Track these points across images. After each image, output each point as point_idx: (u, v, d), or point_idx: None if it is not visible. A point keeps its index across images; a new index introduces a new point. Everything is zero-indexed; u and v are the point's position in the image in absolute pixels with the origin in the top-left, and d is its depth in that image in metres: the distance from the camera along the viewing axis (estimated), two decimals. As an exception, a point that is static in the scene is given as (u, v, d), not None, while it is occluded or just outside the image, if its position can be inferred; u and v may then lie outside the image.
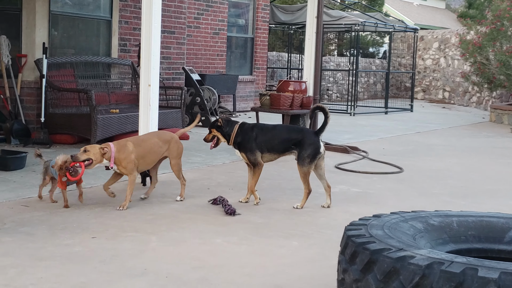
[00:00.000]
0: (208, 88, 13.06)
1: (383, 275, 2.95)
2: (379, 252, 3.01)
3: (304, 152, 6.07)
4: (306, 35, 10.30)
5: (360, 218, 3.55)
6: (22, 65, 9.49)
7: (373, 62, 25.14)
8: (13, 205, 5.68)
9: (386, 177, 8.01)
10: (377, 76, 24.52)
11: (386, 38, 27.01)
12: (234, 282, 4.02)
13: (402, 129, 13.80)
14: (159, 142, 6.09)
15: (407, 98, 21.36)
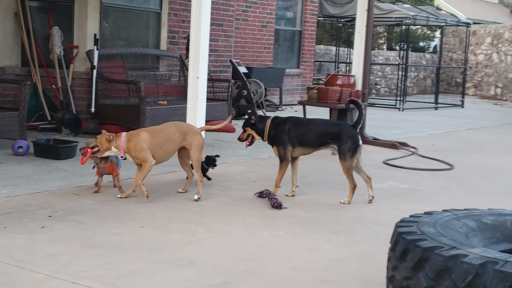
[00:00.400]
0: (255, 81, 13.05)
1: (435, 274, 2.90)
2: (431, 250, 2.96)
3: (344, 147, 6.01)
4: (355, 28, 10.20)
5: (411, 215, 3.49)
6: (73, 56, 9.63)
7: (423, 57, 24.80)
8: (64, 193, 5.78)
9: (436, 174, 7.89)
10: (427, 71, 24.17)
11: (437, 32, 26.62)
12: (281, 275, 4.01)
13: (452, 125, 13.58)
14: (177, 132, 5.93)
15: (458, 94, 21.02)
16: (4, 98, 9.59)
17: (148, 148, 5.72)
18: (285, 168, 6.18)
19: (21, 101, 7.76)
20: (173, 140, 5.89)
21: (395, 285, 3.13)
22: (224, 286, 3.78)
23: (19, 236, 4.46)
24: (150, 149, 5.73)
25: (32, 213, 5.07)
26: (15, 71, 9.72)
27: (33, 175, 6.41)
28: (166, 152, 5.88)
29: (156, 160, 5.83)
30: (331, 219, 5.43)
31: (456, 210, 3.64)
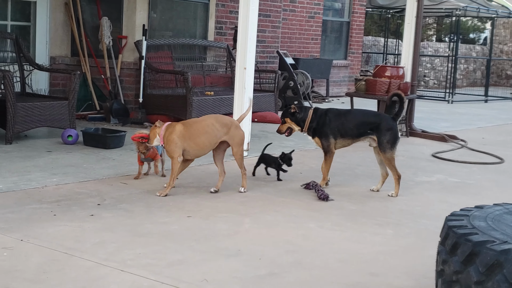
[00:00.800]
0: (302, 72, 13.00)
1: (486, 268, 2.85)
2: (482, 244, 2.91)
3: (383, 138, 5.95)
4: (405, 19, 10.06)
5: (462, 209, 3.44)
6: (122, 46, 9.73)
7: (473, 49, 24.35)
8: (112, 182, 5.85)
9: (486, 168, 7.75)
10: (477, 63, 23.74)
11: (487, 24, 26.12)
12: (328, 267, 3.99)
13: (503, 118, 13.31)
14: (216, 124, 5.60)
15: (508, 86, 20.63)
16: (54, 87, 9.76)
17: (179, 141, 5.47)
18: (331, 160, 6.15)
19: (70, 91, 7.87)
20: (209, 133, 5.56)
21: (445, 279, 3.09)
22: (271, 277, 3.78)
23: (69, 224, 4.53)
24: (182, 142, 5.48)
25: (81, 201, 5.15)
26: (65, 61, 9.88)
27: (82, 163, 6.50)
28: (200, 146, 5.58)
29: (191, 154, 5.59)
30: (378, 212, 5.38)
31: (508, 204, 3.57)
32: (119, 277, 3.63)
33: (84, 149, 7.28)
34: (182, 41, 10.38)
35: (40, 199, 5.12)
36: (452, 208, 4.09)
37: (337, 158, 7.62)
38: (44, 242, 4.12)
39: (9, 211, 4.74)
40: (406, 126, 9.80)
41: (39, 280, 3.52)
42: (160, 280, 3.61)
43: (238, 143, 5.71)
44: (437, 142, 9.45)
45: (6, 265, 3.71)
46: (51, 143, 7.53)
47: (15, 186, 5.45)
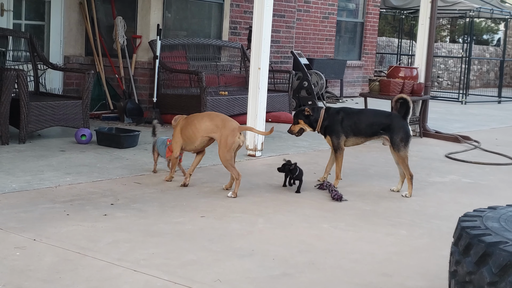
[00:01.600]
0: (316, 73, 12.99)
1: (499, 269, 2.84)
2: (495, 245, 2.90)
3: (396, 137, 6.00)
4: (419, 20, 10.02)
5: (475, 210, 3.42)
6: (136, 46, 9.76)
7: (487, 50, 24.22)
8: (126, 181, 5.86)
9: (499, 168, 7.71)
10: (490, 64, 23.60)
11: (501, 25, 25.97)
12: (341, 267, 3.98)
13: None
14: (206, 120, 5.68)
15: (522, 87, 20.47)
16: (68, 86, 9.80)
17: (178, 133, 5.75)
18: (341, 157, 6.17)
19: (84, 90, 7.91)
20: (195, 126, 5.65)
21: (458, 280, 3.08)
22: (284, 277, 3.78)
23: (82, 224, 4.55)
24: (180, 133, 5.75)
25: (95, 200, 5.17)
26: (79, 60, 9.92)
27: (95, 163, 6.53)
28: (187, 137, 5.71)
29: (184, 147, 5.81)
30: (391, 212, 5.37)
31: (522, 205, 3.55)
32: (132, 277, 3.64)
33: (98, 148, 7.30)
34: (196, 41, 10.40)
35: (53, 199, 5.14)
36: (465, 209, 4.07)
37: (351, 158, 7.62)
38: (57, 241, 4.13)
39: (22, 211, 4.77)
40: (419, 127, 9.77)
41: (52, 279, 3.54)
42: (173, 280, 3.61)
43: (222, 145, 5.54)
44: (450, 143, 9.41)
45: (19, 264, 3.73)
46: (64, 142, 7.56)
47: (28, 186, 5.48)
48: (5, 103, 7.10)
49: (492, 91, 19.01)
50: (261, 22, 7.22)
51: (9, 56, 8.37)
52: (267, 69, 7.40)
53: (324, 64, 14.06)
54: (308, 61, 13.27)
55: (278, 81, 11.14)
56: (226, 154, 5.54)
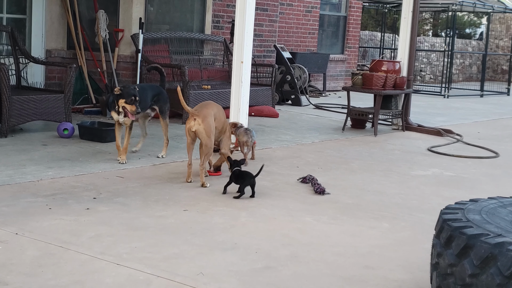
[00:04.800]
0: (299, 67, 12.99)
1: (480, 261, 2.87)
2: (477, 237, 2.93)
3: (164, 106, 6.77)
4: (402, 14, 10.05)
5: (456, 202, 3.45)
6: (119, 39, 9.71)
7: (469, 44, 24.36)
8: (108, 175, 5.84)
9: (481, 162, 7.77)
10: (473, 58, 23.74)
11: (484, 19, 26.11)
12: (324, 260, 4.00)
13: (498, 113, 13.34)
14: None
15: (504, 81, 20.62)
16: (50, 80, 9.74)
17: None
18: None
19: (66, 84, 7.86)
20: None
21: (440, 272, 3.10)
22: (267, 270, 3.79)
23: (64, 218, 4.53)
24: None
25: (77, 195, 5.15)
26: (61, 54, 9.86)
27: (78, 157, 6.50)
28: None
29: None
30: (374, 205, 5.39)
31: (502, 197, 3.59)
32: (114, 270, 3.63)
33: (80, 142, 7.27)
34: (179, 35, 10.36)
35: (35, 193, 5.11)
36: (448, 202, 4.09)
37: (334, 152, 7.66)
38: (39, 235, 4.11)
39: (4, 205, 4.74)
40: (402, 120, 9.81)
41: (35, 273, 3.52)
42: (156, 273, 3.61)
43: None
44: (432, 136, 9.47)
45: (1, 258, 3.71)
46: (46, 136, 7.51)
47: (10, 180, 5.44)
48: (-14, 97, 7.04)
49: (475, 85, 19.13)
50: (243, 16, 7.21)
51: (-10, 50, 8.31)
52: (249, 63, 7.39)
53: (307, 58, 14.08)
54: (291, 55, 13.28)
55: (261, 75, 11.15)
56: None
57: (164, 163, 6.43)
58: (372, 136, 9.10)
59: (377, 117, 9.21)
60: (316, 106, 11.98)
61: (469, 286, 2.90)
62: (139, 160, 6.52)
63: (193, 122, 5.69)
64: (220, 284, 3.54)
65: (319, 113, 11.26)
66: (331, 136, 8.88)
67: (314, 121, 10.28)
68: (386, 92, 9.29)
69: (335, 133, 9.12)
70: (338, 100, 13.15)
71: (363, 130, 9.59)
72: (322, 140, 8.49)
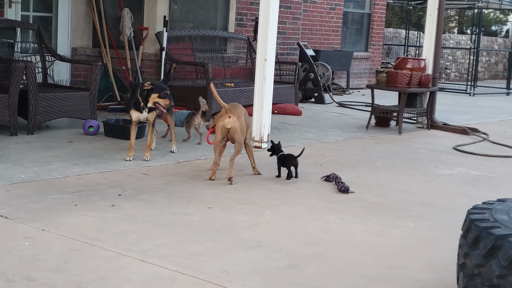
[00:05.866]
0: (322, 64, 12.96)
1: (508, 262, 2.84)
2: (505, 237, 2.89)
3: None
4: (427, 11, 9.98)
5: (484, 202, 3.41)
6: (143, 37, 9.75)
7: (495, 41, 24.11)
8: (133, 172, 5.87)
9: (508, 161, 7.69)
10: (499, 56, 23.50)
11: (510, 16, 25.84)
12: (348, 260, 3.98)
13: (524, 111, 13.19)
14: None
15: (531, 79, 20.37)
16: (76, 78, 9.81)
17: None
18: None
19: (92, 82, 7.91)
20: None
21: (466, 272, 3.07)
22: (291, 268, 3.78)
23: (90, 214, 4.56)
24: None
25: (102, 191, 5.18)
26: (86, 52, 9.93)
27: (103, 154, 6.54)
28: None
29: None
30: (399, 204, 5.36)
31: (531, 197, 3.54)
32: (139, 267, 3.64)
33: (105, 139, 7.31)
34: (202, 33, 10.38)
35: (61, 189, 5.15)
36: (474, 202, 4.06)
37: (358, 151, 7.62)
38: (65, 231, 4.14)
39: (31, 201, 4.78)
40: (427, 119, 9.74)
41: (61, 269, 3.55)
42: (180, 270, 3.62)
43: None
44: (458, 135, 9.39)
45: (28, 254, 3.74)
46: (72, 133, 7.57)
47: (36, 176, 5.49)
48: (13, 94, 7.11)
49: (501, 83, 18.93)
50: (267, 14, 7.20)
51: (17, 48, 8.39)
52: (273, 60, 7.38)
53: (331, 55, 14.03)
54: (315, 52, 13.24)
55: (284, 73, 11.13)
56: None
57: (188, 160, 6.45)
58: (397, 134, 9.05)
59: (402, 115, 9.15)
60: (339, 104, 11.95)
61: (496, 287, 2.87)
62: (163, 157, 6.55)
63: (228, 119, 5.70)
64: (244, 282, 3.54)
65: (343, 111, 11.22)
66: (354, 134, 8.84)
67: (338, 119, 10.24)
68: (411, 90, 9.23)
69: (359, 131, 9.08)
70: (362, 98, 13.09)
71: (388, 128, 9.54)
72: (346, 138, 8.46)
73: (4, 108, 7.07)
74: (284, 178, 6.01)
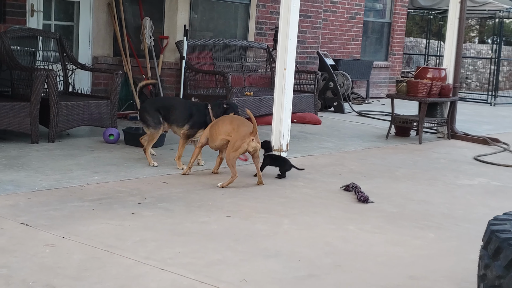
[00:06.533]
0: (342, 73, 12.94)
1: (529, 274, 2.81)
2: (526, 249, 2.87)
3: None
4: (448, 20, 9.93)
5: (505, 213, 3.39)
6: (163, 46, 9.81)
7: (516, 51, 23.92)
8: (153, 181, 5.90)
9: (529, 172, 7.62)
10: (520, 65, 23.31)
11: (531, 26, 25.66)
12: (367, 270, 3.96)
13: (546, 121, 13.06)
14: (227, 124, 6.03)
15: (552, 89, 20.20)
16: (96, 87, 9.88)
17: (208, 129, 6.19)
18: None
19: (112, 90, 7.96)
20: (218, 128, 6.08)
21: (487, 284, 3.05)
22: (310, 278, 3.77)
23: (110, 222, 4.58)
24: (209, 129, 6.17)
25: (122, 199, 5.21)
26: (107, 61, 10.00)
27: (123, 162, 6.57)
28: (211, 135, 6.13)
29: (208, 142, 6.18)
30: (419, 215, 5.33)
31: (553, 209, 3.51)
32: (159, 275, 3.66)
33: (125, 148, 7.35)
34: (222, 42, 10.42)
35: (81, 197, 5.19)
36: (495, 212, 4.03)
37: (378, 160, 7.60)
38: (85, 239, 4.17)
39: (51, 209, 4.82)
40: (447, 129, 9.69)
41: (81, 277, 3.57)
42: (199, 279, 3.62)
43: (230, 145, 5.90)
44: (479, 145, 9.32)
45: (49, 261, 3.77)
46: (92, 141, 7.62)
47: (57, 184, 5.53)
48: (35, 102, 7.17)
49: (522, 93, 18.79)
50: (287, 23, 7.21)
51: (39, 56, 8.47)
52: (293, 69, 7.38)
53: (350, 64, 14.01)
54: (334, 61, 13.23)
55: (304, 82, 11.12)
56: (230, 154, 5.87)
57: (207, 169, 6.47)
58: (417, 144, 9.01)
59: (422, 125, 9.11)
60: (359, 113, 11.92)
61: (517, 298, 2.84)
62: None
63: (253, 142, 5.88)
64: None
65: (362, 120, 11.19)
66: (374, 143, 8.81)
67: (357, 128, 10.22)
68: (431, 100, 9.18)
69: (379, 141, 9.05)
70: (381, 108, 13.05)
71: (407, 138, 9.50)
72: (365, 148, 8.44)
73: (26, 116, 7.13)
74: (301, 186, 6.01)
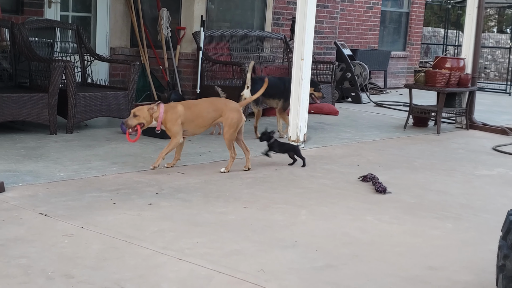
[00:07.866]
0: (359, 64, 12.88)
1: (549, 264, 2.78)
2: (546, 240, 2.84)
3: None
4: (466, 10, 9.85)
5: (524, 203, 3.36)
6: (180, 37, 9.81)
7: (536, 40, 23.68)
8: (170, 171, 5.91)
9: (549, 162, 7.55)
10: (539, 55, 23.07)
11: (551, 15, 25.37)
12: (385, 260, 3.95)
13: None
14: (209, 109, 5.99)
15: None
16: (114, 78, 9.92)
17: (181, 121, 5.88)
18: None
19: (130, 81, 7.99)
20: (204, 117, 5.99)
21: (506, 274, 3.03)
22: (328, 269, 3.77)
23: (128, 212, 4.60)
24: (183, 122, 5.89)
25: (140, 190, 5.22)
26: (125, 52, 10.03)
27: (141, 153, 6.59)
28: (197, 126, 6.03)
29: (189, 132, 6.04)
30: (437, 205, 5.30)
31: None
32: (177, 265, 3.67)
33: (143, 139, 7.34)
34: (239, 32, 10.40)
35: (100, 188, 5.21)
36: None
37: (395, 151, 7.57)
38: (104, 229, 4.19)
39: (70, 199, 4.85)
40: (466, 119, 9.62)
41: (99, 267, 3.59)
42: (217, 269, 3.63)
43: (228, 125, 5.96)
44: (498, 135, 9.25)
45: (68, 252, 3.79)
46: (110, 132, 7.66)
47: (76, 175, 5.56)
48: (53, 93, 7.21)
49: (541, 83, 18.59)
50: (304, 13, 7.18)
51: (56, 48, 8.50)
52: (310, 60, 7.36)
53: (368, 55, 13.94)
54: (352, 52, 13.17)
55: (321, 72, 11.08)
56: (232, 135, 5.97)
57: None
58: (435, 134, 8.96)
59: (441, 115, 9.05)
60: (376, 104, 11.87)
61: (537, 289, 2.82)
62: (199, 156, 6.58)
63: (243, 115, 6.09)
64: (280, 281, 3.54)
65: (380, 110, 11.14)
66: (392, 134, 8.78)
67: (375, 119, 10.18)
68: (449, 90, 9.12)
69: (396, 131, 9.01)
70: (399, 98, 12.98)
71: (426, 128, 9.44)
72: (383, 138, 8.40)
73: (44, 107, 7.18)
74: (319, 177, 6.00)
